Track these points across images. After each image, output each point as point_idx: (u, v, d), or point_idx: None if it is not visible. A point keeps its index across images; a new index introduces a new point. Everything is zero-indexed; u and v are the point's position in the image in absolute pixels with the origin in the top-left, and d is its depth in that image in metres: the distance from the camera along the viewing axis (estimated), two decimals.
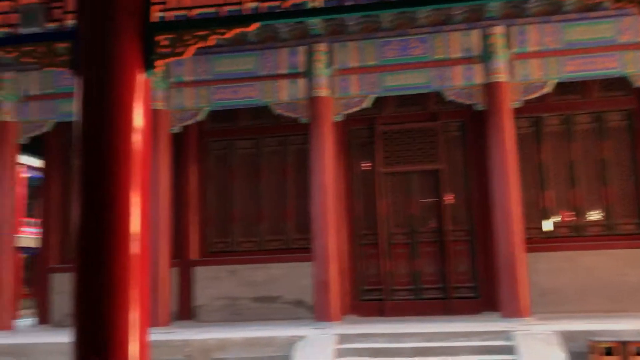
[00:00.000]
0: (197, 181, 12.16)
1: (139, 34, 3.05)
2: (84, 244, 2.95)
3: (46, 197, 13.02)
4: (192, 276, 11.69)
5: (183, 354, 8.41)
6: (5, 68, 11.01)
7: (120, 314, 2.86)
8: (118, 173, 2.94)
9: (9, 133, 10.88)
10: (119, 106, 2.98)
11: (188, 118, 10.57)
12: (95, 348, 2.81)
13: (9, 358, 8.88)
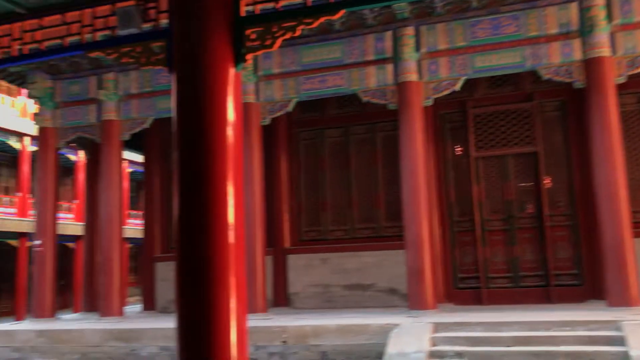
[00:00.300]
0: (287, 171, 12.37)
1: (229, 29, 3.11)
2: (184, 234, 3.06)
3: (147, 190, 13.73)
4: (286, 264, 11.93)
5: (280, 340, 8.62)
6: (107, 69, 11.70)
7: (220, 300, 2.95)
8: (214, 165, 3.02)
9: (113, 131, 11.54)
10: (212, 101, 3.06)
11: (277, 110, 10.74)
12: (197, 333, 2.91)
13: (119, 342, 9.49)
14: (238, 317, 3.03)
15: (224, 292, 2.97)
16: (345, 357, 8.40)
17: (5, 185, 23.85)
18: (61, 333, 9.84)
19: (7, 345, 10.02)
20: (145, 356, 9.28)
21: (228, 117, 3.10)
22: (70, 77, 12.07)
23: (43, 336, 9.89)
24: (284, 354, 8.64)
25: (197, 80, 3.07)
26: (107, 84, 11.65)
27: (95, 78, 11.81)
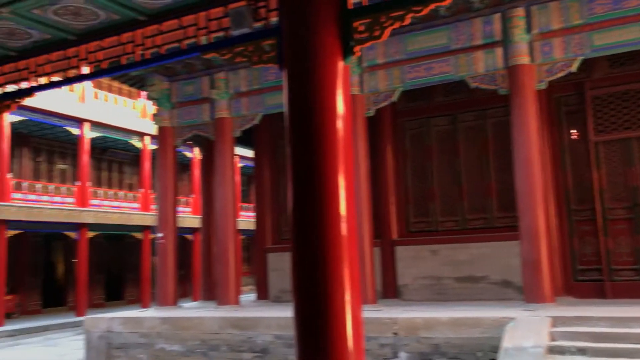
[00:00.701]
0: (393, 162, 12.27)
1: (337, 22, 3.13)
2: (298, 227, 3.12)
3: (258, 183, 14.20)
4: (394, 256, 11.87)
5: (391, 332, 8.60)
6: (218, 69, 12.21)
7: (335, 292, 2.98)
8: (325, 159, 3.06)
9: (226, 128, 12.04)
10: (322, 95, 3.09)
11: (382, 100, 10.68)
12: (314, 324, 2.97)
13: (236, 330, 9.91)
14: (353, 309, 3.05)
15: (339, 284, 3.00)
16: (458, 350, 8.23)
17: (129, 182, 25.68)
18: (183, 320, 10.44)
19: (135, 331, 10.79)
20: (260, 344, 9.63)
21: (338, 110, 3.12)
22: (185, 78, 12.73)
23: (167, 323, 10.54)
24: (395, 345, 8.62)
25: (307, 75, 3.11)
26: (218, 83, 12.16)
27: (208, 78, 12.37)
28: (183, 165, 26.77)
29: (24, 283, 20.26)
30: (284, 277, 12.82)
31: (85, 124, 20.11)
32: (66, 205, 19.36)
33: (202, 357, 10.08)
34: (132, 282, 24.38)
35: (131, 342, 10.75)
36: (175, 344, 10.36)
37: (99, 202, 20.81)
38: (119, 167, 25.40)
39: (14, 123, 18.13)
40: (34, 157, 21.69)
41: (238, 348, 9.82)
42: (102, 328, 11.08)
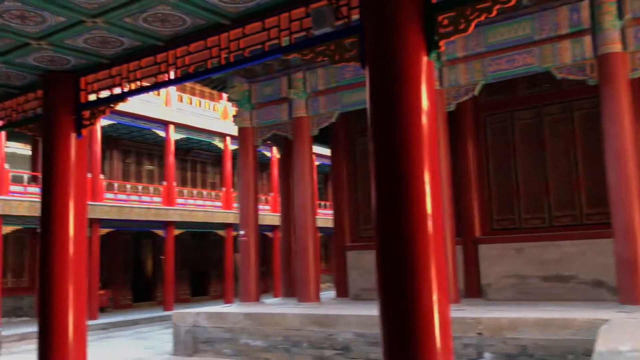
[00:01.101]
0: (475, 158, 11.96)
1: (420, 17, 3.07)
2: (383, 225, 3.09)
3: (335, 181, 14.25)
4: (477, 254, 11.57)
5: (475, 332, 8.39)
6: (296, 69, 12.36)
7: (422, 290, 2.94)
8: (410, 155, 3.02)
9: (304, 127, 12.17)
10: (405, 90, 3.05)
11: (462, 95, 10.43)
12: (401, 323, 2.94)
13: (317, 327, 10.00)
14: (440, 308, 3.00)
15: (426, 283, 2.95)
16: (547, 352, 7.91)
17: (211, 181, 26.51)
18: (265, 316, 10.65)
19: (220, 326, 11.12)
20: (341, 341, 9.67)
21: (422, 106, 3.07)
22: (263, 80, 12.97)
23: (250, 319, 10.79)
24: (479, 345, 8.40)
25: (390, 71, 3.08)
26: (296, 83, 12.31)
27: (286, 78, 12.54)
28: (262, 164, 27.30)
29: (115, 279, 21.37)
30: (363, 275, 12.81)
31: (170, 126, 20.93)
32: (154, 205, 20.24)
33: (284, 352, 10.24)
34: (216, 278, 25.15)
35: (216, 337, 11.08)
36: (259, 339, 10.58)
37: (184, 201, 21.61)
38: (202, 167, 26.26)
39: (104, 127, 19.15)
40: (124, 159, 22.81)
41: (319, 345, 9.90)
42: (188, 322, 11.49)
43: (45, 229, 4.44)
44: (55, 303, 4.33)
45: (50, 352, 4.30)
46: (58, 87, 4.53)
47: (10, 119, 5.05)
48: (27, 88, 4.87)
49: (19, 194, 16.47)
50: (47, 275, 4.37)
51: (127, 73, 4.29)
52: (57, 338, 4.30)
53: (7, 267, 17.72)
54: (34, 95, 4.85)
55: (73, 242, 4.42)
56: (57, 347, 4.29)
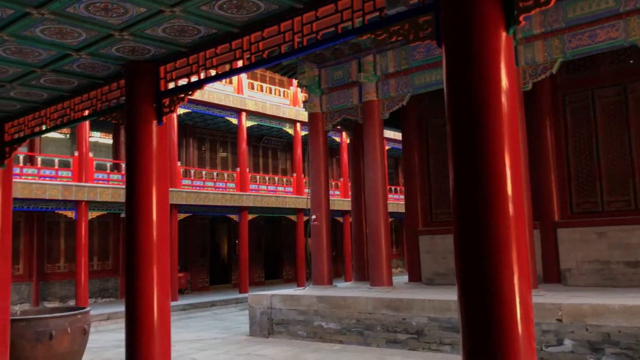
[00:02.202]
0: (553, 138, 11.50)
1: None
2: (461, 208, 3.03)
3: (407, 165, 14.09)
4: (556, 238, 11.17)
5: (555, 318, 8.13)
6: (366, 52, 12.26)
7: (503, 275, 2.86)
8: (489, 136, 2.93)
9: (374, 111, 12.09)
10: (484, 69, 2.96)
11: (540, 73, 10.02)
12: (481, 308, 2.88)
13: (390, 311, 9.99)
14: (521, 293, 2.91)
15: (507, 268, 2.88)
16: (633, 340, 7.55)
17: (282, 167, 26.88)
18: (338, 300, 10.74)
19: (294, 308, 11.32)
20: (415, 326, 9.62)
21: (501, 85, 2.97)
22: (333, 64, 12.96)
23: (323, 302, 10.92)
24: (558, 332, 8.14)
25: (467, 49, 3.00)
26: (366, 66, 12.22)
27: (356, 62, 12.47)
28: (332, 149, 27.40)
29: (193, 262, 22.15)
30: (436, 259, 12.66)
31: (242, 114, 21.35)
32: (228, 190, 20.77)
33: (358, 335, 10.31)
34: (289, 262, 25.60)
35: (291, 319, 11.30)
36: (332, 322, 10.70)
37: (257, 187, 22.05)
38: (273, 154, 26.67)
39: (180, 115, 19.78)
40: (199, 147, 23.50)
41: (393, 329, 9.90)
42: (264, 305, 11.77)
43: (130, 215, 4.64)
44: (141, 285, 4.54)
45: (137, 331, 4.52)
46: (139, 76, 4.71)
47: (95, 109, 5.30)
48: (110, 78, 5.09)
49: (103, 181, 17.33)
50: (133, 259, 4.58)
51: (204, 60, 4.40)
52: (143, 318, 4.51)
53: (92, 250, 18.74)
54: (117, 85, 5.06)
55: (156, 226, 4.61)
56: (143, 326, 4.50)
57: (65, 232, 18.64)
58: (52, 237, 18.53)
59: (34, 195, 15.45)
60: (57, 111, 5.71)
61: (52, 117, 5.77)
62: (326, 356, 9.55)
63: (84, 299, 16.21)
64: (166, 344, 4.60)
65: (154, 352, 4.50)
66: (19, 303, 17.03)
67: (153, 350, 4.50)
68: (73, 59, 4.61)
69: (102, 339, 12.51)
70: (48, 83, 5.19)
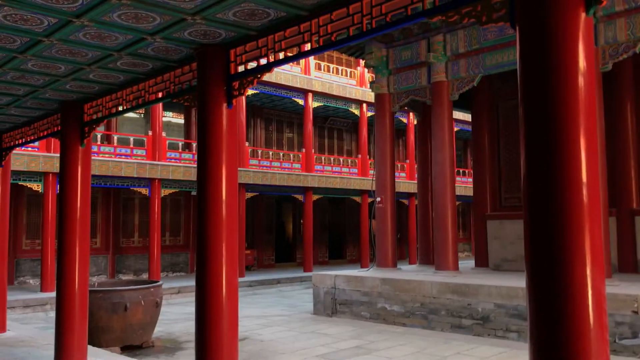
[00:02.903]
0: (634, 121, 10.94)
1: None
2: (532, 194, 2.95)
3: (476, 148, 13.78)
4: (634, 226, 10.67)
5: (630, 309, 7.80)
6: (436, 32, 12.00)
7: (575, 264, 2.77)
8: (563, 119, 2.82)
9: (443, 92, 11.86)
10: (561, 51, 2.84)
11: (622, 52, 9.51)
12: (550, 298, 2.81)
13: (455, 296, 9.88)
14: (594, 283, 2.81)
15: (579, 257, 2.78)
16: None
17: (347, 148, 26.88)
18: (402, 282, 10.72)
19: (358, 289, 11.39)
20: (480, 311, 9.48)
21: (579, 66, 2.85)
22: (402, 44, 12.77)
23: (387, 284, 10.93)
24: (634, 325, 7.81)
25: (543, 30, 2.88)
26: (436, 46, 11.97)
27: (425, 42, 12.25)
28: (398, 130, 27.11)
29: (260, 240, 22.64)
30: (504, 245, 12.37)
31: (309, 95, 21.44)
32: (293, 171, 21.01)
33: (421, 319, 10.28)
34: (352, 242, 25.71)
35: (354, 299, 11.38)
36: (395, 305, 10.70)
37: (322, 168, 22.18)
38: (339, 134, 26.69)
39: (248, 96, 20.09)
40: (266, 127, 23.84)
41: (458, 314, 9.80)
42: (327, 284, 11.91)
43: (201, 193, 4.79)
44: (210, 261, 4.69)
45: (206, 305, 4.68)
46: (210, 59, 4.81)
47: (168, 91, 5.46)
48: (182, 61, 5.22)
49: (175, 160, 17.91)
50: (204, 236, 4.74)
51: (273, 44, 4.44)
52: (213, 292, 4.66)
53: (164, 226, 19.48)
54: (189, 67, 5.19)
55: (225, 205, 4.73)
56: (213, 300, 4.66)
57: (140, 208, 19.46)
58: (127, 212, 19.40)
59: (111, 173, 16.18)
60: (133, 93, 5.92)
61: (127, 99, 6.00)
62: (389, 337, 9.58)
63: (156, 272, 16.92)
64: (234, 319, 4.75)
65: (222, 325, 4.66)
66: (97, 275, 17.98)
67: (221, 324, 4.65)
68: (148, 43, 4.76)
69: (173, 312, 13.05)
70: (124, 66, 5.39)
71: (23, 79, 5.78)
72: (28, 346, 7.84)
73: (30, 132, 7.96)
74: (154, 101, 5.72)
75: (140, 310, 9.21)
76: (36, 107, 7.03)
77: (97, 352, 7.55)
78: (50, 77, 5.75)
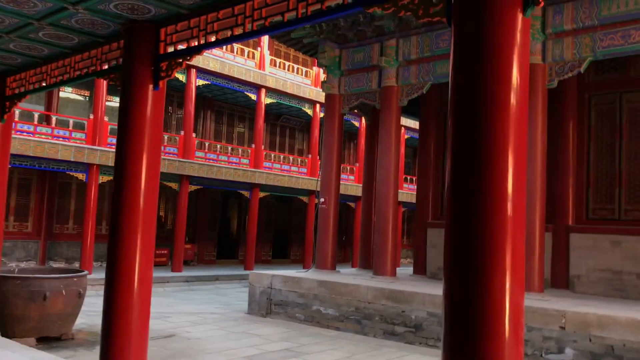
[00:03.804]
0: (575, 140, 11.11)
1: None
2: (456, 202, 2.81)
3: (421, 155, 13.79)
4: (568, 243, 10.83)
5: (558, 325, 7.86)
6: (389, 36, 11.92)
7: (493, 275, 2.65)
8: (492, 131, 2.68)
9: (392, 97, 11.78)
10: (494, 53, 2.69)
11: (568, 71, 9.63)
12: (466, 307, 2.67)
13: (390, 302, 9.78)
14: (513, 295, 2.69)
15: (498, 268, 2.65)
16: (637, 355, 7.26)
17: (299, 147, 26.67)
18: (339, 286, 10.56)
19: (294, 291, 11.17)
20: (414, 319, 9.41)
21: (512, 77, 2.72)
22: (355, 46, 12.64)
23: (323, 286, 10.75)
24: (560, 340, 7.87)
25: (477, 29, 2.73)
26: (388, 50, 11.89)
27: (378, 45, 12.15)
28: (350, 134, 27.08)
29: (201, 235, 22.13)
30: (442, 253, 12.30)
31: (262, 90, 21.11)
32: (241, 166, 20.63)
33: (355, 324, 10.14)
34: (297, 243, 25.49)
35: (290, 301, 11.16)
36: (330, 308, 10.54)
37: (271, 165, 21.88)
38: (291, 133, 26.44)
39: (199, 87, 19.59)
40: (217, 120, 23.35)
41: (391, 320, 9.71)
42: (264, 284, 11.65)
43: (117, 180, 4.47)
44: (123, 252, 4.38)
45: (116, 298, 4.37)
46: (138, 37, 4.50)
47: (94, 68, 5.11)
48: (110, 38, 4.89)
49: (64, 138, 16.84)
50: (117, 226, 4.42)
51: (205, 25, 4.17)
52: (123, 286, 4.36)
53: (101, 214, 18.76)
54: (117, 45, 4.86)
55: (144, 194, 4.43)
56: (123, 294, 4.36)
57: (76, 194, 18.69)
58: (63, 198, 18.60)
59: (46, 155, 15.44)
60: (58, 68, 5.54)
61: (52, 74, 5.61)
62: (321, 341, 9.40)
63: (89, 261, 16.26)
64: (145, 315, 4.45)
65: (132, 322, 4.36)
66: (26, 260, 17.15)
67: (130, 320, 4.35)
68: (70, 13, 4.41)
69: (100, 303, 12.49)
70: (47, 38, 5.01)
71: None
72: None
73: None
74: (78, 78, 5.35)
75: (60, 300, 8.71)
76: None
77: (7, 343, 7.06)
78: None
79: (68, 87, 18.77)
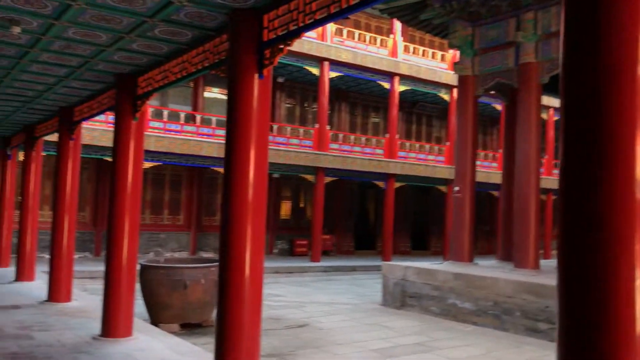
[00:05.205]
0: None
1: None
2: (575, 188, 2.35)
3: None
4: None
5: None
6: (526, 9, 10.99)
7: (620, 267, 2.17)
8: (616, 110, 2.19)
9: (531, 74, 10.88)
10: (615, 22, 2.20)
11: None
12: (589, 301, 2.24)
13: (532, 296, 9.03)
14: None
15: (627, 258, 2.17)
16: None
17: (437, 135, 25.86)
18: (476, 279, 9.98)
19: (428, 283, 10.76)
20: None
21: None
22: (488, 23, 11.85)
23: (459, 279, 10.22)
24: None
25: None
26: (525, 24, 10.98)
27: (514, 20, 11.27)
28: (492, 118, 25.74)
29: (339, 225, 22.32)
30: None
31: (395, 78, 20.72)
32: (375, 156, 20.45)
33: (493, 319, 9.52)
34: (437, 234, 24.80)
35: (424, 293, 10.78)
36: (467, 302, 10.00)
37: (406, 154, 21.44)
38: (427, 120, 25.73)
39: (332, 79, 19.69)
40: (351, 111, 23.38)
41: (534, 316, 8.96)
42: (397, 275, 11.37)
43: (227, 171, 4.47)
44: (234, 242, 4.37)
45: (227, 286, 4.37)
46: (242, 25, 4.45)
47: (209, 62, 5.18)
48: (220, 30, 4.91)
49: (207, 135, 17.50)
50: (227, 217, 4.42)
51: (304, 6, 4.00)
52: (234, 274, 4.34)
53: None
54: (227, 37, 4.87)
55: (253, 185, 4.38)
56: (234, 282, 4.34)
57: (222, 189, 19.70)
58: (210, 192, 19.73)
59: (191, 152, 16.43)
60: (178, 65, 5.70)
61: (173, 71, 5.79)
62: (456, 336, 8.93)
63: None
64: (256, 305, 4.41)
65: (244, 311, 4.33)
66: (178, 251, 18.46)
67: (242, 309, 4.33)
68: (177, 7, 4.47)
69: None
70: (163, 34, 5.16)
71: (70, 48, 5.71)
72: (85, 317, 7.98)
73: (95, 105, 8.03)
74: (194, 73, 5.46)
75: (199, 288, 9.14)
76: (94, 80, 7.02)
77: (145, 327, 7.53)
78: (96, 47, 5.64)
79: (214, 88, 19.82)
